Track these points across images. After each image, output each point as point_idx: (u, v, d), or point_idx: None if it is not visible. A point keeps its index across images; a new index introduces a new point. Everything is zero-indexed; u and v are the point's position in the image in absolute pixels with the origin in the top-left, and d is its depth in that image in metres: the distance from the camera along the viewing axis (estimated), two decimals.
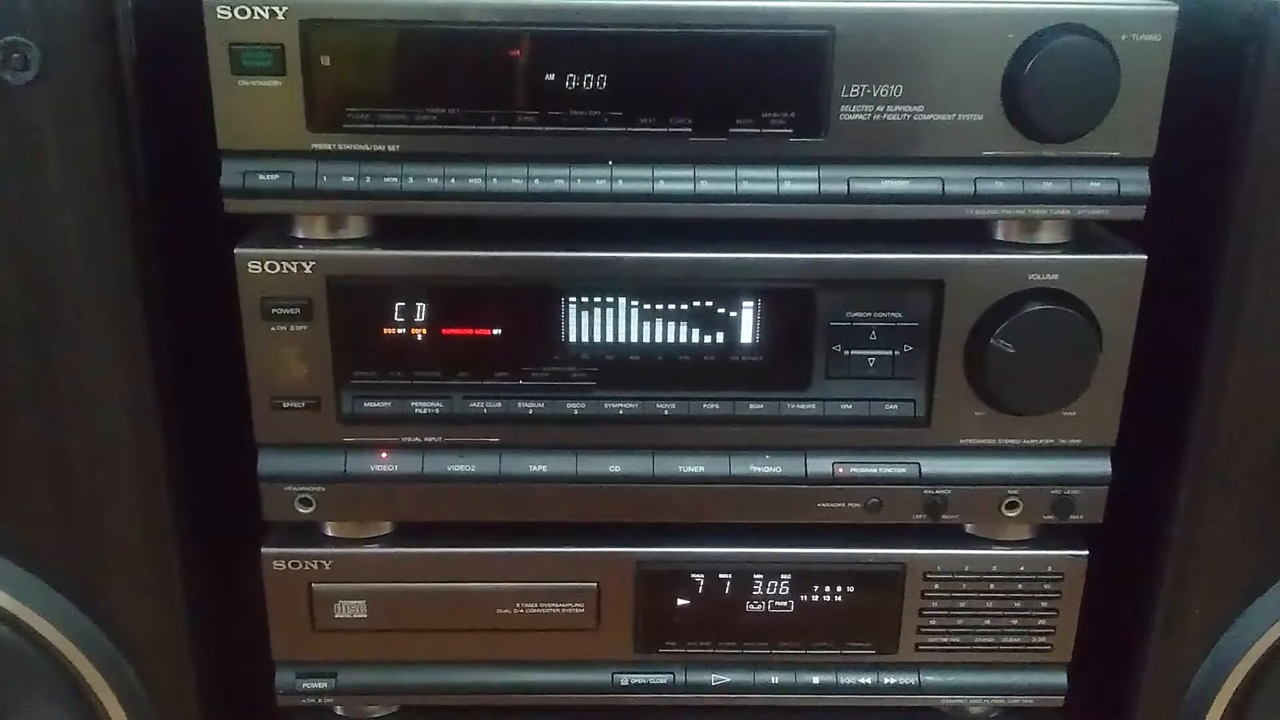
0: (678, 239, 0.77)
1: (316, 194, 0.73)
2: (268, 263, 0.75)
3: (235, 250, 0.75)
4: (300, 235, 0.76)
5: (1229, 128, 0.74)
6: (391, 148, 0.73)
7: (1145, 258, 0.76)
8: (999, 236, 0.78)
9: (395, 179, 0.73)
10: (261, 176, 0.73)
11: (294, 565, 0.83)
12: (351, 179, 0.73)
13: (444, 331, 0.78)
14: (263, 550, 0.83)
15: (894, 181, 0.74)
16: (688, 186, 0.74)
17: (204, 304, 0.81)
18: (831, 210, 0.75)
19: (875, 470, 0.81)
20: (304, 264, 0.75)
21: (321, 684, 0.86)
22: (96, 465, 0.78)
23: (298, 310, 0.76)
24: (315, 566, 0.83)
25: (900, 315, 0.78)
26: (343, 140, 0.73)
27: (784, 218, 0.75)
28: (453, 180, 0.73)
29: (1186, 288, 0.79)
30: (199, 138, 0.73)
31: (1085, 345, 0.76)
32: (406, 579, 0.84)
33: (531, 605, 0.85)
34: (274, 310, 0.76)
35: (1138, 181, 0.75)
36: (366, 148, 0.73)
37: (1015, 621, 0.85)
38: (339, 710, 0.89)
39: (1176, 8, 0.72)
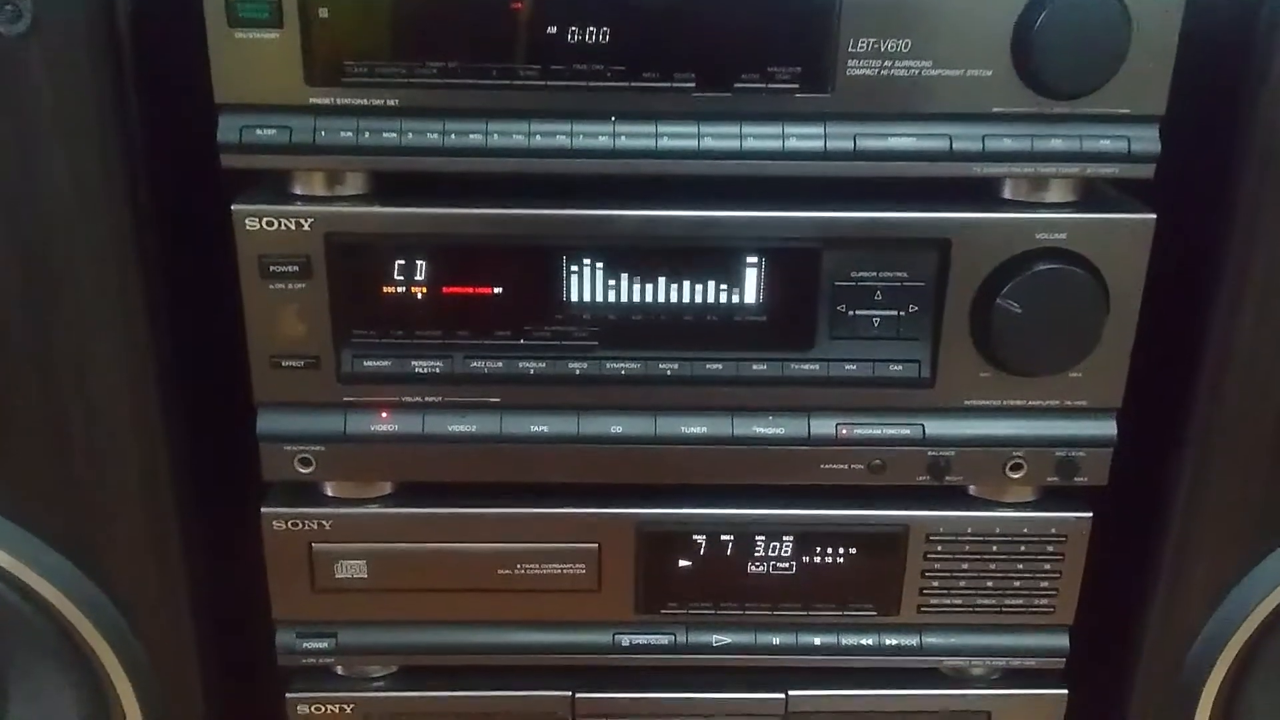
0: (681, 197, 0.76)
1: (314, 149, 0.72)
2: (265, 219, 0.74)
3: (232, 207, 0.74)
4: (299, 191, 0.75)
5: (1240, 86, 0.73)
6: (391, 102, 0.72)
7: (1154, 217, 0.75)
8: (1006, 195, 0.77)
9: (394, 134, 0.72)
10: (259, 131, 0.72)
11: (294, 525, 0.82)
12: (350, 134, 0.72)
13: (444, 290, 0.77)
14: (262, 510, 0.82)
15: (901, 138, 0.73)
16: (691, 143, 0.73)
17: (204, 262, 0.80)
18: (837, 168, 0.74)
19: (879, 431, 0.80)
20: (302, 221, 0.74)
21: (322, 644, 0.86)
22: (94, 425, 0.77)
23: (296, 268, 0.75)
24: (315, 526, 0.82)
25: (906, 275, 0.77)
26: (341, 94, 0.72)
27: (789, 175, 0.74)
28: (453, 136, 0.72)
29: (1194, 248, 0.78)
30: (195, 92, 0.72)
31: (1092, 305, 0.75)
32: (407, 539, 0.83)
33: (532, 566, 0.84)
34: (272, 268, 0.75)
35: (1148, 139, 0.74)
36: (365, 102, 0.72)
37: (1018, 584, 0.85)
38: (339, 670, 0.89)
39: None
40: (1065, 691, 0.89)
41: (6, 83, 0.69)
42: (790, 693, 0.89)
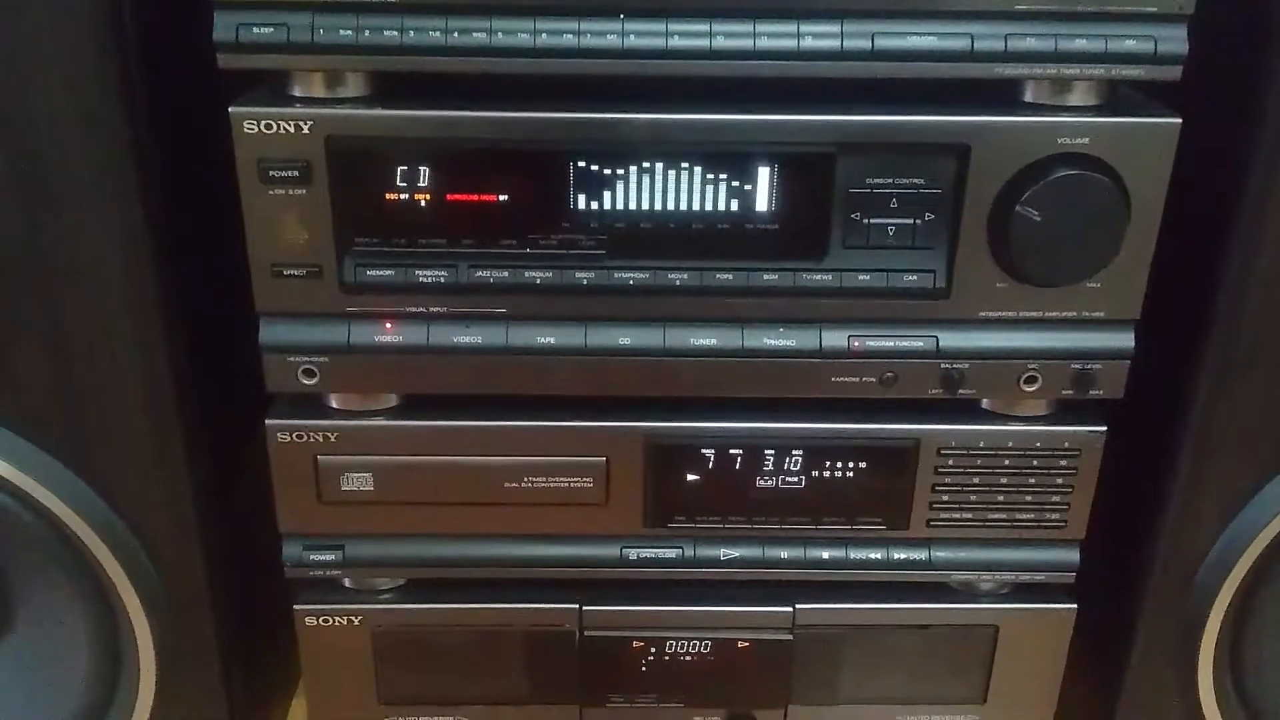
0: (692, 100, 0.74)
1: (313, 48, 0.70)
2: (264, 122, 0.72)
3: (230, 109, 0.72)
4: (298, 93, 0.73)
5: None
6: None
7: (1179, 121, 0.73)
8: (1028, 98, 0.75)
9: (395, 32, 0.70)
10: (255, 29, 0.69)
11: (299, 437, 0.82)
12: (349, 32, 0.70)
13: (448, 197, 0.75)
14: (267, 421, 0.81)
15: (920, 37, 0.71)
16: (703, 43, 0.70)
17: (204, 167, 0.78)
18: (854, 68, 0.71)
19: (891, 344, 0.79)
20: (301, 123, 0.72)
21: (329, 556, 0.86)
22: (94, 334, 0.76)
23: (296, 173, 0.73)
24: (321, 438, 0.82)
25: (922, 181, 0.75)
26: None
27: (804, 76, 0.71)
28: (455, 34, 0.70)
29: (1219, 155, 0.76)
30: None
31: (1114, 213, 0.73)
32: (413, 452, 0.83)
33: (539, 479, 0.84)
34: (272, 173, 0.73)
35: (1175, 40, 0.71)
36: None
37: (1029, 498, 0.84)
38: (347, 582, 0.89)
39: None
40: (1074, 606, 0.89)
41: None
42: (798, 606, 0.89)
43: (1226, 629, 0.87)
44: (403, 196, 0.75)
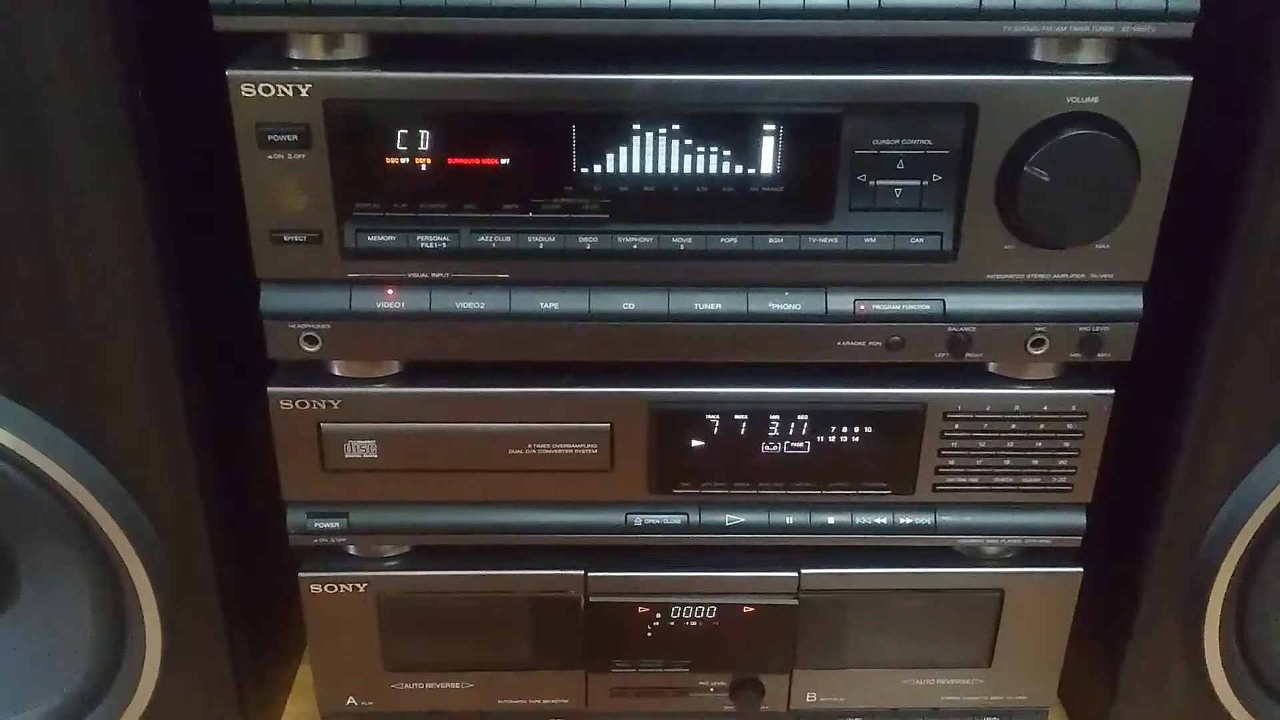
0: (696, 60, 0.72)
1: (311, 9, 0.69)
2: (262, 85, 0.71)
3: (227, 72, 0.71)
4: (295, 56, 0.72)
5: None
6: None
7: (1190, 79, 0.72)
8: (1036, 57, 0.73)
9: None
10: None
11: (301, 405, 0.81)
12: None
13: (450, 161, 0.74)
14: (269, 389, 0.81)
15: None
16: (708, 0, 0.69)
17: (203, 132, 0.77)
18: (861, 26, 0.70)
19: (898, 307, 0.78)
20: (299, 86, 0.71)
21: (333, 524, 0.85)
22: (94, 301, 0.75)
23: (295, 137, 0.72)
24: (324, 406, 0.81)
25: (930, 142, 0.74)
26: None
27: (810, 35, 0.70)
28: None
29: (1229, 114, 0.75)
30: None
31: (1124, 173, 0.73)
32: (416, 419, 0.82)
33: (544, 446, 0.83)
34: (270, 137, 0.72)
35: None
36: None
37: (1036, 462, 0.84)
38: (351, 550, 0.89)
39: None
40: (1080, 570, 0.89)
41: None
42: (803, 571, 0.89)
43: (1232, 592, 0.86)
44: (403, 161, 0.74)
